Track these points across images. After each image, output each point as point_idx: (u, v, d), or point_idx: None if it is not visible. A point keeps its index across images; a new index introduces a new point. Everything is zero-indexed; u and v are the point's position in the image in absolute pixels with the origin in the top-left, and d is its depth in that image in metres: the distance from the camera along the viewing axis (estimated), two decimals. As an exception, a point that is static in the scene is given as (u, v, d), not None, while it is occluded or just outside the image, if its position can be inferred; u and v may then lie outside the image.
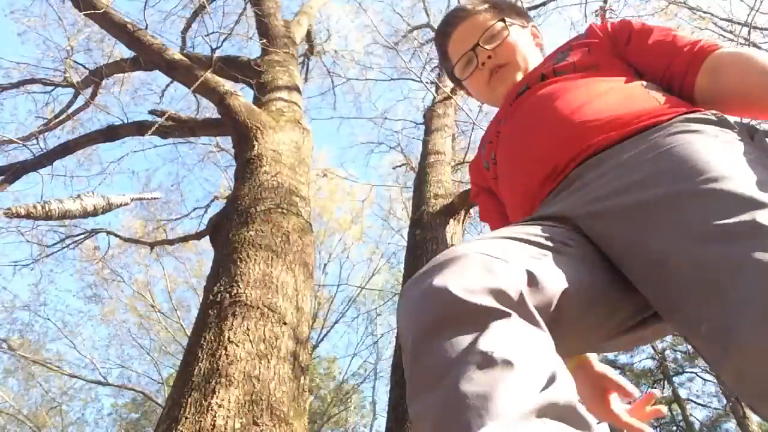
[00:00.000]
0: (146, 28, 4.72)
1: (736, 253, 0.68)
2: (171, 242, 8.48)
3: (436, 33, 1.35)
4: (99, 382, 14.09)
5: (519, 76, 1.20)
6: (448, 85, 6.79)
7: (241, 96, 4.37)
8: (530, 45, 1.27)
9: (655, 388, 13.71)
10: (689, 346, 13.81)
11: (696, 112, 0.91)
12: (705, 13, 9.58)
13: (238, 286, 2.61)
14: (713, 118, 0.89)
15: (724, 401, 12.14)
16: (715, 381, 11.82)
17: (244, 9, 6.71)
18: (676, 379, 13.87)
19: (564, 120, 0.97)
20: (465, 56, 1.24)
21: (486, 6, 1.26)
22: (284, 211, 3.22)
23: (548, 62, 1.16)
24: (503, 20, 1.22)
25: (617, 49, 1.11)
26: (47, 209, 4.20)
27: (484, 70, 1.22)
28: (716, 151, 0.80)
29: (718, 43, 0.99)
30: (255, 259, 2.78)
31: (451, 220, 4.39)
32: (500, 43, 1.21)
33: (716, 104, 0.96)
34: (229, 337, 2.32)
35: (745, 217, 0.69)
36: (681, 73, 1.00)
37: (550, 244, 0.81)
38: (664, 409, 1.05)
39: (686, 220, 0.74)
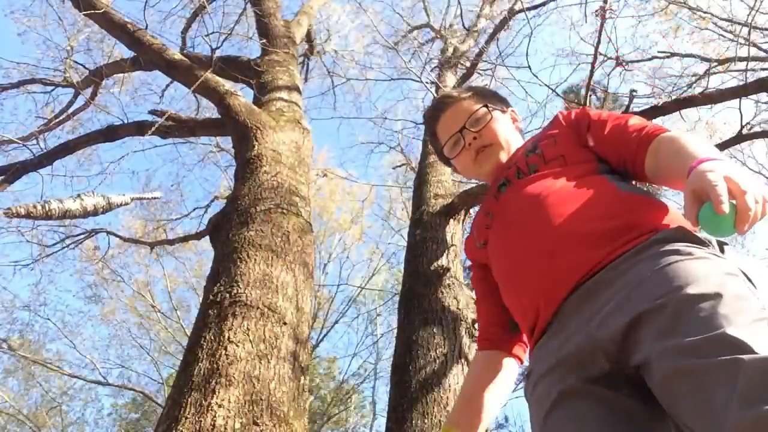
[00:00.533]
0: (146, 28, 4.72)
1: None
2: (171, 242, 8.48)
3: (425, 115, 1.54)
4: (99, 382, 14.09)
5: (503, 155, 1.38)
6: (448, 85, 6.80)
7: (241, 96, 4.37)
8: (510, 127, 1.44)
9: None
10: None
11: (665, 230, 1.02)
12: (705, 13, 9.58)
13: (238, 286, 2.61)
14: (680, 235, 1.00)
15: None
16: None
17: (244, 9, 6.71)
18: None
19: (550, 243, 1.08)
20: (453, 137, 1.41)
21: (470, 93, 1.45)
22: (284, 211, 3.22)
23: (521, 153, 1.32)
24: (486, 106, 1.40)
25: (580, 136, 1.26)
26: (47, 209, 4.20)
27: (470, 149, 1.39)
28: (693, 268, 0.91)
29: (662, 127, 1.13)
30: (255, 259, 2.78)
31: (451, 220, 4.38)
32: (484, 126, 1.39)
33: (659, 179, 1.13)
34: (229, 337, 2.32)
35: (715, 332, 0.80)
36: (632, 157, 1.14)
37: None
38: None
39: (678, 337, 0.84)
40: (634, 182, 1.24)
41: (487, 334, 1.40)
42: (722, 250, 1.01)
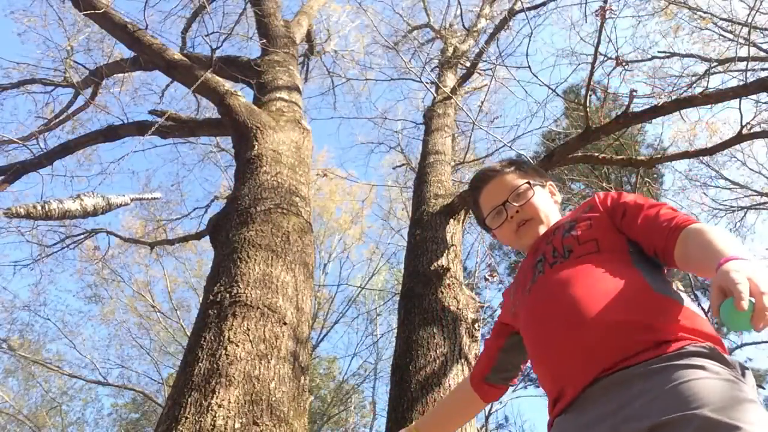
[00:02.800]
0: (146, 28, 4.71)
1: None
2: (171, 242, 8.48)
3: (470, 185, 1.65)
4: (99, 382, 14.09)
5: (542, 229, 1.47)
6: (448, 85, 6.79)
7: (241, 96, 4.37)
8: (550, 202, 1.54)
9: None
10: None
11: (695, 343, 1.08)
12: (705, 13, 9.58)
13: (238, 286, 2.60)
14: (709, 352, 1.06)
15: (724, 401, 12.10)
16: (715, 381, 11.77)
17: (244, 9, 6.71)
18: (676, 379, 13.84)
19: (580, 331, 1.15)
20: (496, 209, 1.52)
21: (513, 168, 1.56)
22: (284, 211, 3.22)
23: (559, 232, 1.39)
24: (528, 183, 1.51)
25: (614, 222, 1.34)
26: (47, 209, 4.20)
27: (512, 222, 1.49)
28: (718, 389, 0.97)
29: (690, 218, 1.21)
30: (255, 259, 2.78)
31: (451, 220, 4.38)
32: (526, 201, 1.49)
33: (688, 268, 1.21)
34: (229, 337, 2.32)
35: None
36: (663, 247, 1.22)
37: None
38: None
39: None
40: (665, 270, 1.32)
41: (478, 368, 1.61)
42: (743, 374, 1.07)
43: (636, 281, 1.19)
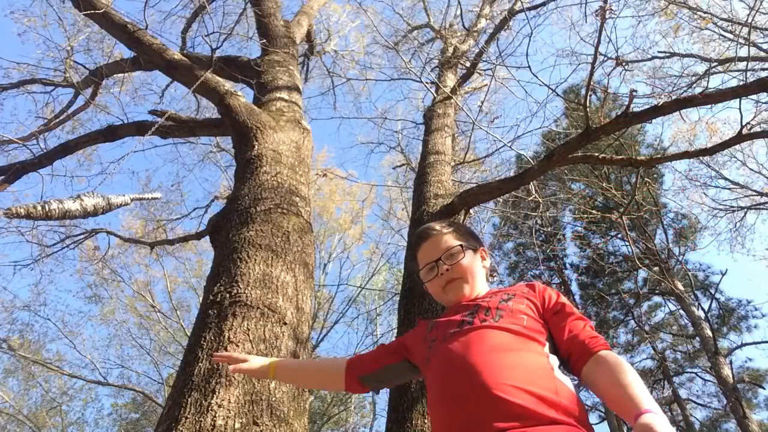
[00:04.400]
0: (146, 28, 4.71)
1: None
2: (171, 242, 8.48)
3: (411, 241, 1.77)
4: (99, 382, 14.09)
5: (467, 289, 1.61)
6: (448, 85, 6.79)
7: (241, 96, 4.37)
8: (478, 266, 1.68)
9: (656, 388, 13.71)
10: (689, 347, 13.82)
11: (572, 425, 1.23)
12: (705, 13, 9.58)
13: (238, 286, 2.60)
14: None
15: (724, 401, 12.13)
16: (715, 381, 11.81)
17: (244, 9, 6.71)
18: (676, 379, 13.86)
19: (485, 393, 1.27)
20: (429, 264, 1.66)
21: (451, 229, 1.71)
22: (284, 211, 3.22)
23: (497, 297, 1.54)
24: (461, 245, 1.65)
25: (545, 313, 1.50)
26: (47, 209, 4.20)
27: (441, 278, 1.62)
28: None
29: (606, 344, 1.38)
30: (255, 259, 2.78)
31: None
32: (456, 262, 1.62)
33: (591, 388, 1.35)
34: (229, 337, 2.32)
35: None
36: (577, 357, 1.38)
37: None
38: None
39: None
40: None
41: (359, 363, 1.69)
42: None
43: (546, 364, 1.35)
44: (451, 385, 1.36)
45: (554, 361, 1.38)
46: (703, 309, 11.55)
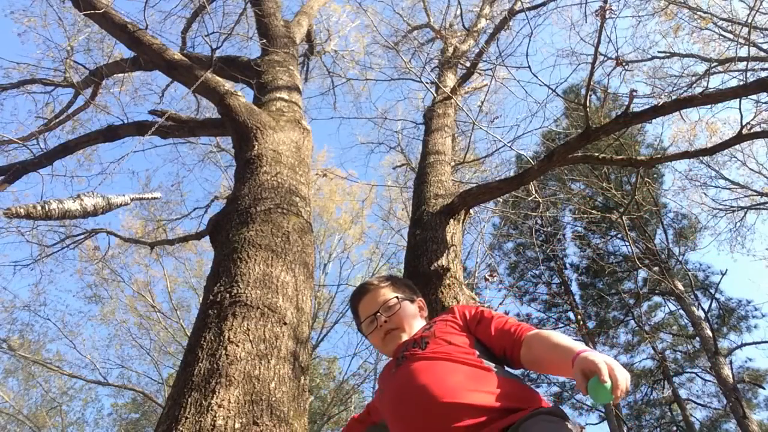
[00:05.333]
0: (146, 28, 4.71)
1: None
2: (171, 242, 8.48)
3: (351, 296, 1.91)
4: (99, 382, 14.09)
5: (404, 337, 1.70)
6: (448, 85, 6.79)
7: (242, 96, 4.37)
8: (415, 315, 1.79)
9: (656, 388, 13.71)
10: (689, 347, 13.81)
11: (543, 408, 1.33)
12: (705, 13, 9.58)
13: (238, 286, 2.60)
14: (556, 410, 1.32)
15: (724, 401, 12.13)
16: (715, 381, 11.81)
17: (244, 9, 6.71)
18: (676, 379, 13.86)
19: (439, 410, 1.34)
20: (369, 318, 1.77)
21: (388, 283, 1.83)
22: (284, 211, 3.22)
23: (420, 330, 1.67)
24: (398, 297, 1.77)
25: (469, 327, 1.61)
26: (47, 209, 4.20)
27: (381, 330, 1.73)
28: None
29: (532, 327, 1.51)
30: (255, 259, 2.78)
31: (451, 220, 4.38)
32: (394, 314, 1.74)
33: (533, 366, 1.47)
34: (229, 337, 2.32)
35: None
36: (510, 348, 1.50)
37: None
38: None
39: None
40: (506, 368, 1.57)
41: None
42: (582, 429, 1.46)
43: (482, 365, 1.44)
44: (401, 413, 1.47)
45: (490, 363, 1.47)
46: (703, 309, 11.55)
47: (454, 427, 1.29)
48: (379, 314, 1.74)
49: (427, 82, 6.75)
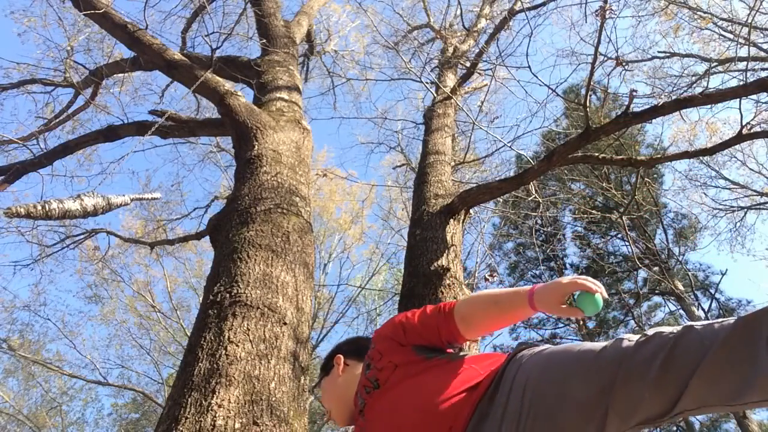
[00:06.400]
0: (146, 28, 4.71)
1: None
2: (171, 242, 8.48)
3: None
4: (99, 382, 14.08)
5: (342, 407, 1.60)
6: (448, 85, 6.79)
7: (242, 96, 4.37)
8: (334, 383, 1.66)
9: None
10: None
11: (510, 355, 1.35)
12: (705, 13, 9.58)
13: (238, 286, 2.60)
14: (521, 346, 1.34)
15: (724, 401, 12.09)
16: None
17: (244, 9, 6.71)
18: (676, 379, 13.82)
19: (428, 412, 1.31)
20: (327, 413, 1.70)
21: (322, 374, 1.72)
22: (284, 211, 3.22)
23: (362, 374, 1.56)
24: (319, 381, 1.70)
25: (400, 341, 1.52)
26: (47, 209, 4.19)
27: (331, 416, 1.65)
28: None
29: (455, 299, 1.43)
30: (255, 259, 2.78)
31: (451, 220, 4.38)
32: (322, 400, 1.68)
33: (479, 330, 1.45)
34: (229, 337, 2.32)
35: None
36: (445, 329, 1.45)
37: None
38: None
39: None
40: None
41: None
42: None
43: (438, 366, 1.40)
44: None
45: (442, 356, 1.46)
46: (703, 309, 11.56)
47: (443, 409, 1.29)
48: (326, 410, 1.69)
49: (427, 82, 6.75)
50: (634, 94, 3.59)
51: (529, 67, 4.44)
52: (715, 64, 9.42)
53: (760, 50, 8.89)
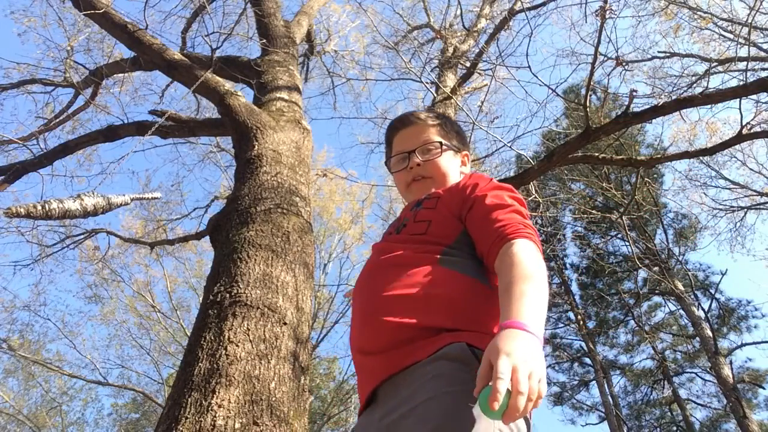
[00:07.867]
0: (146, 28, 4.71)
1: None
2: (171, 242, 8.48)
3: (390, 124, 1.60)
4: (99, 382, 14.09)
5: (433, 189, 1.42)
6: (448, 85, 6.79)
7: (242, 96, 4.37)
8: (454, 169, 1.49)
9: (656, 388, 13.71)
10: (689, 347, 13.81)
11: (452, 345, 1.06)
12: (705, 13, 9.59)
13: (238, 286, 2.60)
14: (461, 355, 1.04)
15: (724, 401, 12.14)
16: (715, 381, 11.82)
17: (244, 9, 6.71)
18: (676, 379, 13.86)
19: (374, 324, 1.16)
20: (401, 155, 1.49)
21: (437, 122, 1.51)
22: (284, 211, 3.22)
23: (410, 205, 1.41)
24: (441, 143, 1.47)
25: (461, 210, 1.29)
26: (47, 209, 4.19)
27: (409, 173, 1.46)
28: (441, 411, 0.97)
29: (519, 231, 1.15)
30: (255, 259, 2.78)
31: (451, 220, 4.38)
32: (430, 159, 1.45)
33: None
34: (229, 337, 2.32)
35: None
36: (488, 252, 1.18)
37: None
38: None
39: None
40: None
41: None
42: None
43: (434, 271, 1.18)
44: (363, 286, 1.28)
45: (454, 267, 1.20)
46: (703, 309, 11.56)
47: (384, 321, 1.14)
48: (414, 154, 1.46)
49: (427, 82, 6.75)
50: (634, 94, 3.59)
51: (529, 67, 4.45)
52: (715, 64, 9.43)
53: (760, 50, 8.90)
